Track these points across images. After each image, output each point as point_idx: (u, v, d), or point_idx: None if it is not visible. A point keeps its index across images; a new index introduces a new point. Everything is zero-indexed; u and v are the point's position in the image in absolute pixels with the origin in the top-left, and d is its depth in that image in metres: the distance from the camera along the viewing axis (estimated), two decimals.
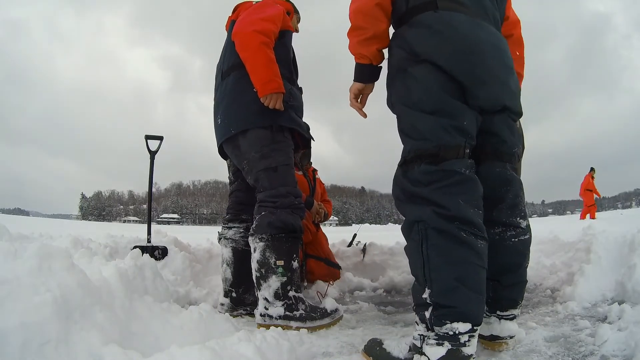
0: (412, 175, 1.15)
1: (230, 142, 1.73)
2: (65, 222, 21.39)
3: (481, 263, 1.08)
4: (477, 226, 1.08)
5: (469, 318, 1.03)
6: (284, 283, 1.55)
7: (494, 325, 1.23)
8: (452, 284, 1.04)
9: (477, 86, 1.15)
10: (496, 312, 1.24)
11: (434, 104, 1.14)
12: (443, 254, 1.06)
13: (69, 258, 1.06)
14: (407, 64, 1.19)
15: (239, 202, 1.88)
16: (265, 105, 1.61)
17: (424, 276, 1.08)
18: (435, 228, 1.07)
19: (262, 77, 1.58)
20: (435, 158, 1.12)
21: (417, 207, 1.12)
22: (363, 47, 1.27)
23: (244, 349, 1.02)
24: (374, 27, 1.23)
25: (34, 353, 0.84)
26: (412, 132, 1.17)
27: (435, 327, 1.04)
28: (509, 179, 1.23)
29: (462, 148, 1.13)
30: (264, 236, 1.57)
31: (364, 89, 1.37)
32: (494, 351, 1.21)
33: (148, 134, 2.69)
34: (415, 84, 1.17)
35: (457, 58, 1.13)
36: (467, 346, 1.03)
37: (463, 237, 1.06)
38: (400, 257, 2.72)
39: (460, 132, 1.13)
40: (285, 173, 1.65)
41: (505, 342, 1.22)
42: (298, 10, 2.05)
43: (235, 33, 1.66)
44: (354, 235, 2.97)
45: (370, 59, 1.29)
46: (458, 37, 1.14)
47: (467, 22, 1.16)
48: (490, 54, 1.16)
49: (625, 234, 1.95)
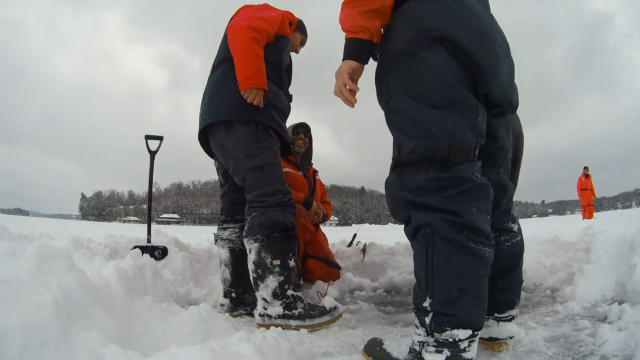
0: (412, 182, 1.04)
1: (215, 140, 1.73)
2: (66, 222, 21.38)
3: (486, 272, 1.04)
4: (485, 235, 1.02)
5: (470, 325, 1.01)
6: (282, 282, 1.55)
7: (493, 327, 1.21)
8: (455, 294, 0.99)
9: (491, 73, 1.03)
10: (494, 314, 1.21)
11: (448, 96, 1.01)
12: (448, 264, 1.00)
13: (69, 258, 1.06)
14: (415, 47, 1.03)
15: (232, 202, 1.87)
16: (245, 99, 1.61)
17: (426, 284, 1.02)
18: (442, 236, 1.00)
19: (245, 70, 1.59)
20: (445, 163, 1.01)
21: (422, 213, 1.03)
22: (366, 20, 1.08)
23: (244, 349, 1.02)
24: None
25: (34, 353, 0.84)
26: (414, 130, 1.04)
27: (435, 333, 1.01)
28: (504, 185, 1.20)
29: (473, 150, 1.03)
30: (258, 237, 1.57)
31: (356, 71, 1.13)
32: (494, 351, 1.21)
33: (148, 134, 2.70)
34: (425, 71, 1.02)
35: (477, 38, 1.01)
36: (467, 352, 1.01)
37: (471, 247, 0.99)
38: (400, 257, 2.72)
39: (473, 130, 1.03)
40: (272, 171, 1.65)
41: (505, 343, 1.21)
42: (306, 34, 2.05)
43: (230, 27, 1.69)
44: (354, 235, 2.97)
45: (372, 34, 1.09)
46: (473, 17, 1.03)
47: (476, 2, 1.07)
48: (500, 42, 1.07)
49: (625, 234, 1.95)
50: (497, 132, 1.16)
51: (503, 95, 1.10)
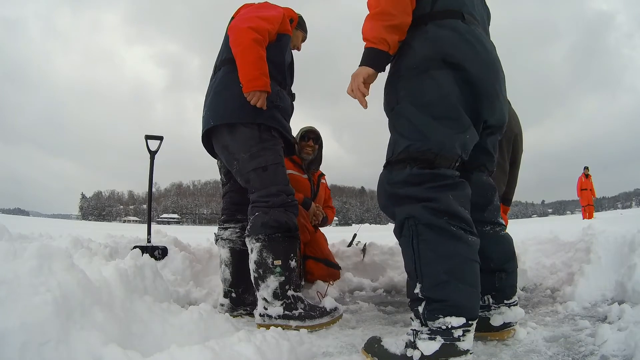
0: (398, 176, 1.16)
1: (218, 142, 1.73)
2: (66, 222, 21.38)
3: (473, 256, 1.11)
4: (465, 221, 1.12)
5: (462, 312, 1.04)
6: (282, 282, 1.55)
7: (507, 313, 1.30)
8: (443, 277, 1.05)
9: (494, 101, 1.22)
10: (503, 301, 1.31)
11: (447, 111, 1.15)
12: (433, 248, 1.08)
13: (69, 258, 1.06)
14: (429, 65, 1.17)
15: (233, 202, 1.88)
16: (249, 101, 1.61)
17: (415, 271, 1.10)
18: (425, 224, 1.09)
19: (248, 73, 1.59)
20: (430, 164, 1.13)
21: (407, 207, 1.13)
22: (388, 33, 1.19)
23: (244, 349, 1.02)
24: (402, 17, 1.19)
25: (34, 353, 0.84)
26: (410, 132, 1.16)
27: (429, 321, 1.06)
28: (494, 186, 1.40)
29: (455, 161, 1.16)
30: (260, 237, 1.57)
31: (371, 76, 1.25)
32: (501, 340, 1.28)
33: (148, 134, 2.70)
34: (433, 86, 1.16)
35: (485, 70, 1.19)
36: (461, 341, 1.04)
37: (453, 231, 1.08)
38: (400, 257, 2.72)
39: (461, 146, 1.16)
40: (275, 172, 1.65)
41: (514, 328, 1.32)
42: (306, 30, 2.04)
43: (231, 28, 1.68)
44: (354, 235, 2.97)
45: (389, 47, 1.21)
46: (484, 51, 1.20)
47: (485, 39, 1.24)
48: (501, 73, 1.26)
49: (625, 234, 1.95)
50: (490, 147, 1.35)
51: (501, 120, 1.29)
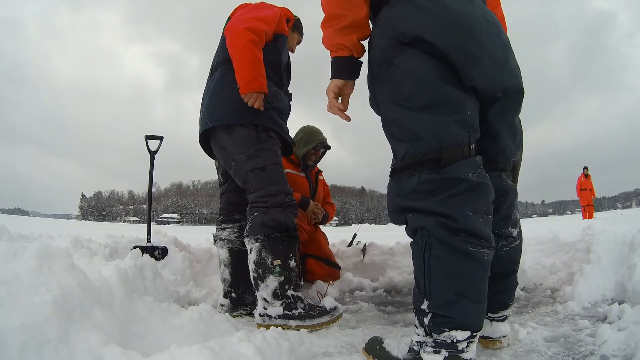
0: (407, 186, 1.04)
1: (216, 143, 1.72)
2: (66, 222, 21.38)
3: (484, 274, 1.03)
4: (484, 237, 1.00)
5: (468, 326, 1.01)
6: (282, 282, 1.55)
7: (486, 327, 1.20)
8: (452, 297, 0.99)
9: (471, 66, 1.01)
10: (487, 314, 1.20)
11: (431, 95, 1.00)
12: (445, 267, 1.00)
13: (69, 258, 1.06)
14: (391, 54, 1.04)
15: (231, 202, 1.87)
16: (246, 102, 1.61)
17: (424, 286, 1.03)
18: (439, 239, 0.99)
19: (245, 74, 1.58)
20: (437, 163, 0.99)
21: (418, 217, 1.03)
22: (341, 37, 1.11)
23: (244, 349, 1.02)
24: (353, 13, 1.08)
25: (34, 353, 0.84)
26: (403, 134, 1.05)
27: (434, 333, 1.02)
28: (505, 190, 1.17)
29: (467, 145, 1.01)
30: (259, 237, 1.57)
31: (344, 88, 1.18)
32: (494, 349, 1.22)
33: (148, 134, 2.70)
34: (404, 76, 1.02)
35: (449, 34, 1.00)
36: (465, 352, 1.01)
37: (468, 250, 0.98)
38: (400, 257, 2.72)
39: (463, 125, 1.01)
40: (273, 172, 1.64)
41: (499, 341, 1.22)
42: (302, 32, 2.04)
43: (228, 29, 1.68)
44: (354, 235, 2.97)
45: (350, 50, 1.12)
46: (446, 11, 1.01)
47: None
48: (483, 28, 1.03)
49: (625, 234, 1.94)
50: (497, 132, 1.12)
51: (492, 83, 1.05)
